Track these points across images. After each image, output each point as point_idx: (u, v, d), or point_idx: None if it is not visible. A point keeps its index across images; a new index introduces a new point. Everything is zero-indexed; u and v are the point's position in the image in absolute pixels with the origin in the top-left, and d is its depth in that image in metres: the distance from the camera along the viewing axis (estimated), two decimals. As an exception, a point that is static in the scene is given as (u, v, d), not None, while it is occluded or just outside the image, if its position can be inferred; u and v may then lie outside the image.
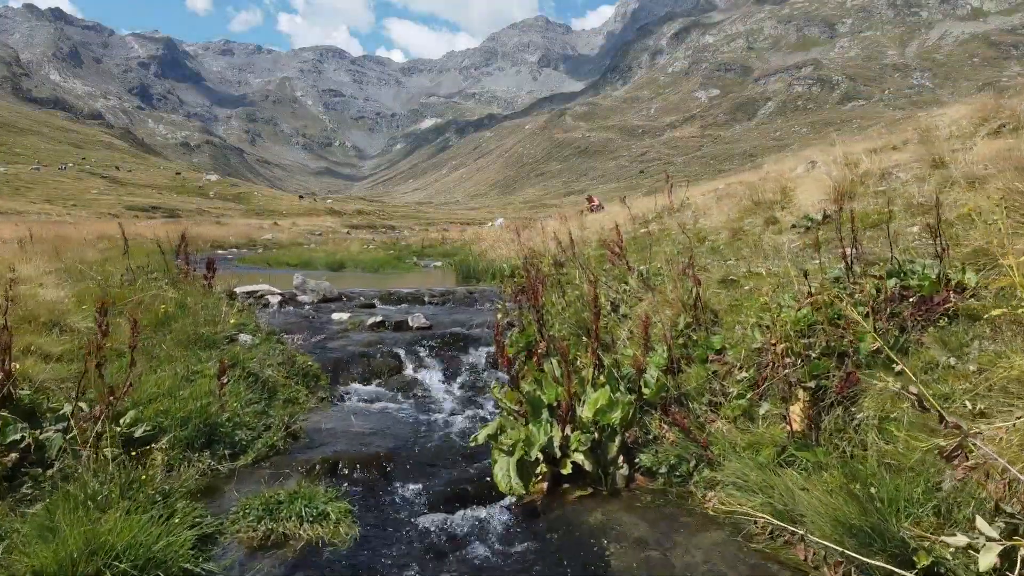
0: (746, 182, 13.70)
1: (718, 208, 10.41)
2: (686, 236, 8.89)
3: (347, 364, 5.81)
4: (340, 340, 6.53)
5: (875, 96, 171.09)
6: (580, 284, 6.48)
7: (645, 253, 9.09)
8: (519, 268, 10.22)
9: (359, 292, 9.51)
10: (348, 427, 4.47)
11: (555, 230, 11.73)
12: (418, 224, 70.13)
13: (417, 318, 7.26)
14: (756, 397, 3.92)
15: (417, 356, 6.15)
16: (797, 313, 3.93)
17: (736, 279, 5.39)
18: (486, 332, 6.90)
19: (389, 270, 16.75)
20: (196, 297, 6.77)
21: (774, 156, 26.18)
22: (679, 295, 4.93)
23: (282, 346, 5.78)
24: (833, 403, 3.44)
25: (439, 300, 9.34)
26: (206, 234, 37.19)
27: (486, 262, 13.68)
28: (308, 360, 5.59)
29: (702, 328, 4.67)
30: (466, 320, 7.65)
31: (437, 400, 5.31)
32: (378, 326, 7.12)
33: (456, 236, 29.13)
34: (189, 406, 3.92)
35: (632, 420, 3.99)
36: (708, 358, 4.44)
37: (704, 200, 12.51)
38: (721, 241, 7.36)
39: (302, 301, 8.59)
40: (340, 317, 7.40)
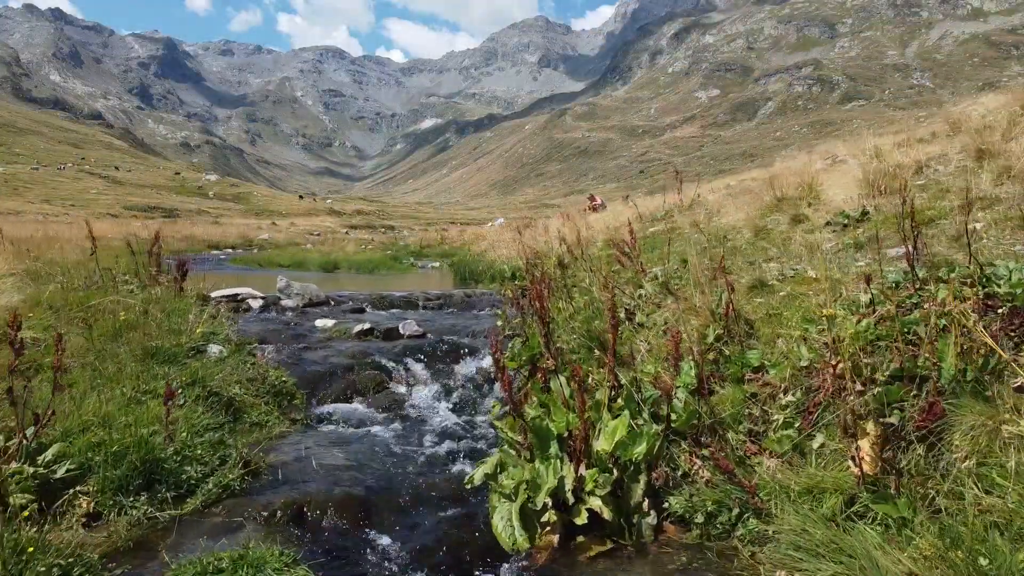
0: (759, 179, 13.04)
1: (733, 206, 9.76)
2: (703, 235, 8.24)
3: (327, 379, 5.14)
4: (322, 350, 5.87)
5: (875, 96, 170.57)
6: (589, 288, 5.83)
7: (657, 253, 8.44)
8: (521, 270, 9.57)
9: (348, 296, 8.84)
10: (322, 458, 3.81)
11: (558, 229, 11.08)
12: (418, 224, 69.62)
13: (409, 325, 6.60)
14: (807, 426, 3.27)
15: (407, 369, 5.49)
16: (858, 326, 3.28)
17: (769, 283, 4.73)
18: (484, 341, 6.24)
19: (385, 271, 16.09)
20: (165, 302, 6.12)
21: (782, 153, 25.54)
22: (707, 302, 4.27)
23: (253, 359, 5.11)
24: (912, 440, 2.79)
25: (434, 304, 8.68)
26: (201, 234, 36.58)
27: (486, 263, 13.03)
28: (282, 375, 4.92)
29: (735, 341, 4.01)
30: (463, 327, 6.99)
31: (428, 422, 4.65)
32: (365, 334, 6.46)
33: (455, 236, 28.48)
34: (127, 437, 3.26)
35: (659, 454, 3.33)
36: (744, 377, 3.78)
37: (716, 198, 11.85)
38: (743, 240, 6.70)
39: (285, 306, 7.93)
40: (324, 324, 6.74)
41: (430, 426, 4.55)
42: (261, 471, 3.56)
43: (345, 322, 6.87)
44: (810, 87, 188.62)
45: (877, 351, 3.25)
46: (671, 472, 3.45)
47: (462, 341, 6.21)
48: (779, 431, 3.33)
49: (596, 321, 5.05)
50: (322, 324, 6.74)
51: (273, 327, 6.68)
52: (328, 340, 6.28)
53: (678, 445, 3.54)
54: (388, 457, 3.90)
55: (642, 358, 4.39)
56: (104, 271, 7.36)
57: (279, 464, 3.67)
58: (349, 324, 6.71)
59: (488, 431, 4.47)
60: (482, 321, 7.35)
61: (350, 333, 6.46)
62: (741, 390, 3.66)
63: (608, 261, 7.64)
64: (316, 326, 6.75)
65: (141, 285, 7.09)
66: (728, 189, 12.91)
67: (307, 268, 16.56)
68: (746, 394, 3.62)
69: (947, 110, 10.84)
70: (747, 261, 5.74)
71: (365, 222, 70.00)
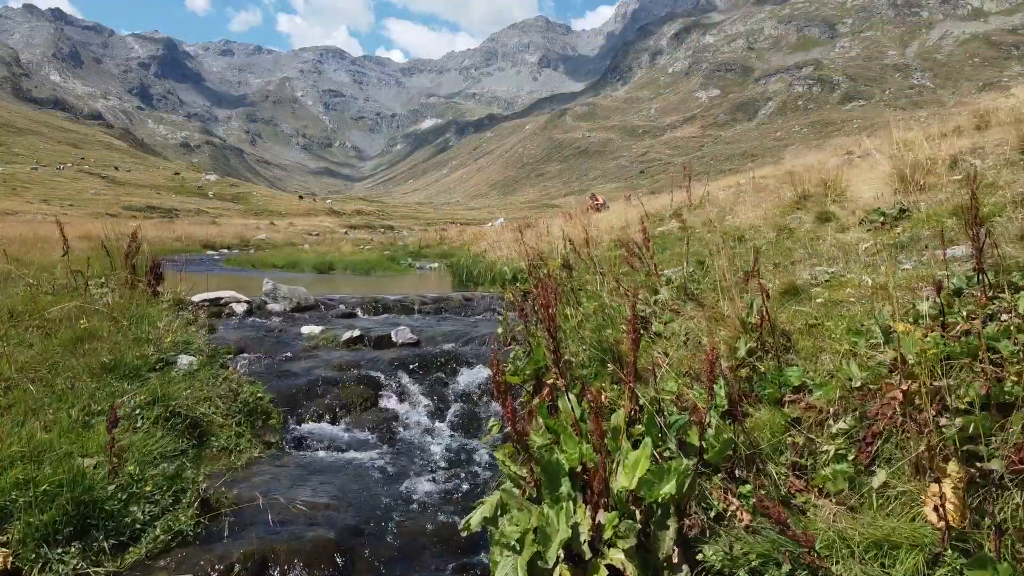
0: (771, 176, 12.53)
1: (747, 204, 9.25)
2: (718, 234, 7.74)
3: (309, 394, 4.63)
4: (306, 361, 5.36)
5: (876, 96, 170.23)
6: (599, 293, 5.32)
7: (668, 254, 7.94)
8: (522, 271, 9.06)
9: (339, 299, 8.32)
10: (296, 492, 3.30)
11: (561, 228, 10.56)
12: (417, 224, 69.23)
13: (402, 332, 6.08)
14: (864, 460, 2.76)
15: (399, 382, 4.98)
16: (926, 341, 2.77)
17: (803, 289, 4.22)
18: (484, 349, 5.73)
19: (381, 272, 15.58)
20: (135, 308, 5.61)
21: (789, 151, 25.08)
22: (736, 310, 3.76)
23: (226, 371, 4.59)
24: (1006, 485, 2.28)
25: (431, 309, 8.15)
26: (196, 234, 36.12)
27: (485, 264, 12.52)
28: (258, 390, 4.40)
29: (771, 356, 3.50)
30: (461, 333, 6.48)
31: (421, 445, 4.13)
32: (355, 342, 5.95)
33: (455, 236, 27.98)
34: (60, 472, 2.75)
35: (690, 493, 2.81)
36: (783, 398, 3.27)
37: (726, 196, 11.34)
38: (764, 241, 6.19)
39: (271, 311, 7.41)
40: (310, 331, 6.22)
41: (423, 450, 4.03)
42: (222, 510, 3.04)
43: (334, 328, 6.36)
44: (810, 87, 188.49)
45: (951, 372, 2.75)
46: (702, 511, 2.94)
47: (460, 350, 5.70)
48: (830, 465, 2.82)
49: (608, 330, 4.54)
50: (308, 331, 6.22)
51: (255, 334, 6.16)
52: (314, 349, 5.77)
53: (708, 479, 3.03)
54: (372, 491, 3.38)
55: (662, 373, 3.88)
56: (75, 273, 6.86)
57: (244, 501, 3.15)
58: (338, 331, 6.19)
59: (489, 456, 3.96)
60: (481, 327, 6.84)
61: (338, 341, 5.94)
62: (781, 414, 3.15)
63: (616, 263, 7.13)
64: (302, 333, 6.23)
65: (113, 289, 6.59)
66: (737, 187, 12.40)
67: (301, 269, 16.04)
68: (787, 419, 3.11)
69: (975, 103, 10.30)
70: (772, 263, 5.23)
71: (364, 222, 69.61)
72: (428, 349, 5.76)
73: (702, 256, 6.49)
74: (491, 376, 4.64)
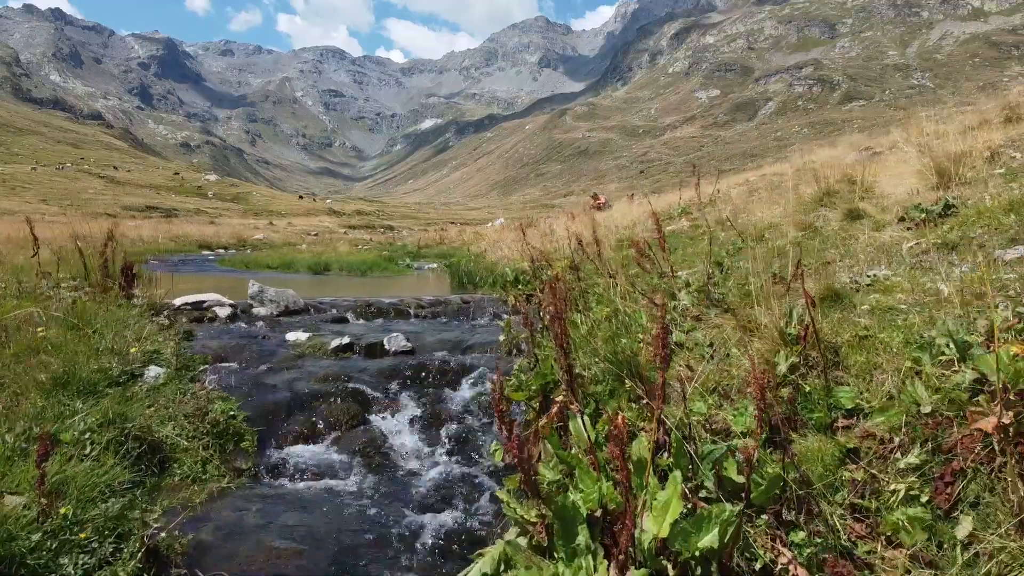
0: (781, 173, 12.07)
1: (761, 201, 8.78)
2: (733, 233, 7.28)
3: (290, 412, 4.14)
4: (289, 372, 4.88)
5: (876, 96, 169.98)
6: (611, 297, 4.85)
7: (680, 254, 7.48)
8: (524, 273, 8.59)
9: (331, 302, 7.84)
10: (265, 533, 2.82)
11: (567, 227, 10.10)
12: (417, 224, 68.85)
13: (396, 339, 5.61)
14: (943, 503, 2.29)
15: (389, 397, 4.50)
16: (1017, 362, 2.30)
17: (843, 294, 3.74)
18: (484, 359, 5.26)
19: (378, 273, 15.09)
20: (106, 313, 5.13)
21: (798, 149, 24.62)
22: (774, 320, 3.28)
23: (194, 386, 4.11)
24: None
25: (428, 313, 7.67)
26: (193, 233, 35.68)
27: (486, 265, 12.05)
28: (231, 408, 3.92)
29: (817, 373, 3.03)
30: (460, 340, 6.00)
31: (413, 472, 3.65)
32: (344, 351, 5.47)
33: (454, 236, 27.50)
34: (-25, 519, 2.28)
35: (733, 543, 2.34)
36: (834, 424, 2.81)
37: (737, 193, 10.87)
38: (787, 241, 5.71)
39: (257, 315, 6.93)
40: (296, 338, 5.74)
41: (415, 479, 3.55)
42: (173, 558, 2.56)
43: (322, 335, 5.88)
44: (810, 87, 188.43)
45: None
46: (745, 562, 2.47)
47: (458, 359, 5.22)
48: (900, 508, 2.35)
49: (623, 339, 4.07)
50: (294, 338, 5.74)
51: (237, 341, 5.68)
52: (299, 358, 5.29)
53: (751, 522, 2.56)
54: (355, 533, 2.90)
55: (689, 391, 3.40)
56: (43, 275, 6.39)
57: (202, 546, 2.67)
58: (326, 338, 5.71)
59: (490, 484, 3.49)
60: (482, 333, 6.36)
61: (326, 349, 5.46)
62: (834, 443, 2.67)
63: (626, 264, 6.65)
64: (287, 340, 5.75)
65: (83, 293, 6.12)
66: (748, 185, 11.93)
67: (296, 270, 15.56)
68: (842, 449, 2.64)
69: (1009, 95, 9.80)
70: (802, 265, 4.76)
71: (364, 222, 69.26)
72: (424, 358, 5.28)
73: (718, 256, 6.03)
74: (493, 392, 4.17)
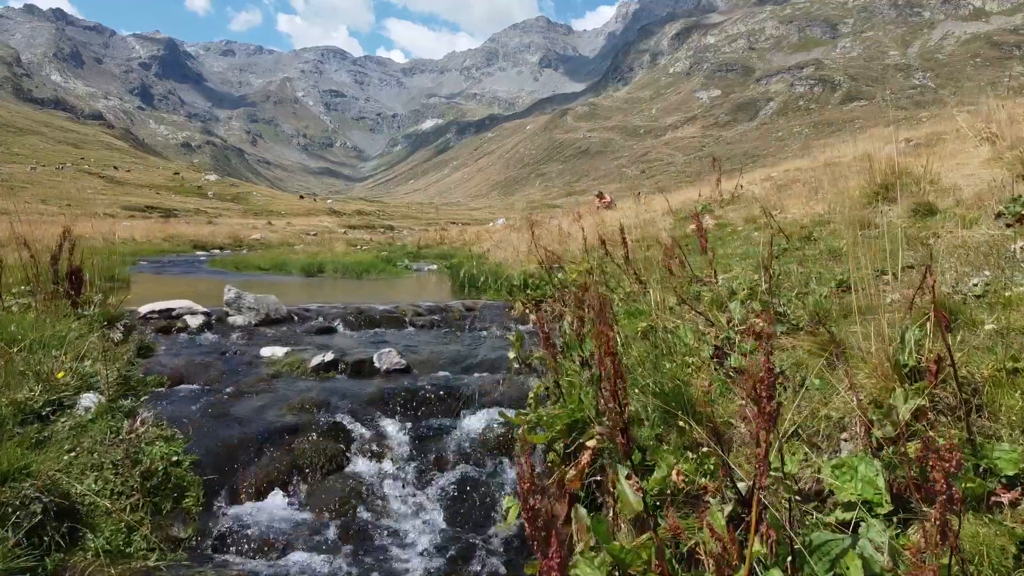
0: (807, 168, 11.26)
1: (793, 197, 7.97)
2: (768, 233, 6.47)
3: (251, 453, 3.33)
4: (258, 397, 4.07)
5: (877, 96, 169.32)
6: (645, 307, 4.04)
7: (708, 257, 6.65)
8: (533, 277, 7.78)
9: (317, 309, 7.00)
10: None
11: (579, 225, 9.29)
12: (418, 224, 68.14)
13: (388, 356, 4.80)
14: None
15: (377, 431, 3.68)
16: None
17: (954, 309, 2.93)
18: (491, 380, 4.45)
19: (376, 275, 14.27)
20: (42, 326, 4.33)
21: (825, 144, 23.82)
22: (883, 347, 2.46)
23: (125, 423, 3.28)
24: None
25: (426, 322, 6.82)
26: (188, 233, 34.94)
27: (490, 267, 11.24)
28: (176, 450, 3.11)
29: (952, 421, 2.23)
30: (462, 355, 5.19)
31: (400, 542, 2.83)
32: (326, 369, 4.65)
33: (455, 236, 26.70)
34: None
35: None
36: (991, 496, 2.01)
37: (760, 190, 10.06)
38: (845, 241, 4.90)
39: (233, 324, 6.11)
40: (272, 354, 4.93)
41: (403, 550, 2.74)
42: None
43: (303, 349, 5.07)
44: (812, 87, 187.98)
45: None
46: None
47: (461, 381, 4.40)
48: None
49: (667, 362, 3.27)
50: (269, 353, 4.93)
51: (203, 357, 4.87)
52: (273, 378, 4.47)
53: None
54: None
55: (774, 437, 2.60)
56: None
57: None
58: (307, 353, 4.90)
59: (503, 557, 2.68)
60: (487, 346, 5.55)
61: (305, 368, 4.65)
62: (1001, 528, 1.87)
63: (646, 266, 5.83)
64: (261, 356, 4.93)
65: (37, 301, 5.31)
66: (771, 180, 11.11)
67: (288, 271, 14.73)
68: (1018, 540, 1.84)
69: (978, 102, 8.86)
70: (875, 271, 3.94)
71: (364, 222, 68.61)
72: (419, 379, 4.47)
73: (747, 255, 5.22)
74: (502, 413, 3.39)
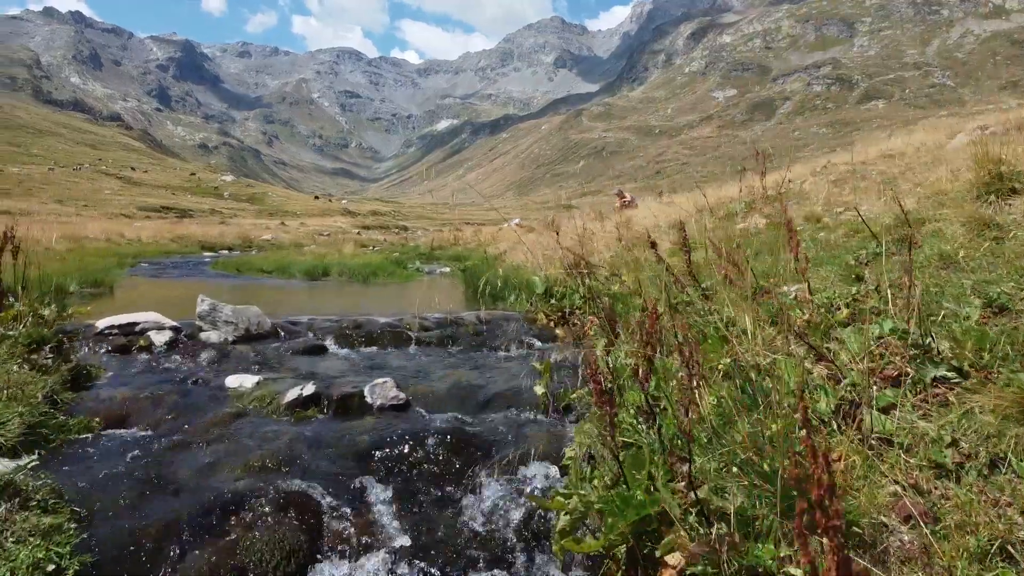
0: (858, 162, 10.17)
1: (860, 192, 6.91)
2: (843, 233, 5.44)
3: (171, 552, 2.36)
4: (209, 450, 3.09)
5: (895, 96, 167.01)
6: (716, 328, 3.02)
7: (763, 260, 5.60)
8: (559, 283, 6.75)
9: (309, 322, 6.00)
10: None
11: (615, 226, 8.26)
12: (432, 224, 67.39)
13: (382, 389, 3.80)
14: None
15: (358, 510, 2.69)
16: None
17: None
18: (512, 422, 3.45)
19: (384, 278, 13.30)
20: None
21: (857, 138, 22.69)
22: None
23: None
24: None
25: (434, 338, 5.77)
26: (196, 234, 34.26)
27: (507, 270, 10.26)
28: (57, 552, 2.13)
29: None
30: (475, 386, 4.17)
31: None
32: (304, 405, 3.66)
33: (470, 236, 25.72)
34: None
35: None
36: None
37: (810, 185, 8.99)
38: (955, 245, 3.85)
39: (206, 341, 5.15)
40: (240, 385, 3.95)
41: None
42: None
43: (278, 378, 4.08)
44: (829, 86, 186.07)
45: None
46: None
47: (474, 428, 3.39)
48: None
49: (772, 424, 2.26)
50: (236, 384, 3.94)
51: (154, 389, 3.90)
52: (235, 419, 3.49)
53: None
54: None
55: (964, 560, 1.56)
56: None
57: None
58: (282, 385, 3.91)
59: None
60: (506, 372, 4.53)
61: (278, 404, 3.66)
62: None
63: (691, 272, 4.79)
64: (227, 386, 3.95)
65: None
66: (816, 176, 10.03)
67: (291, 274, 13.80)
68: None
69: None
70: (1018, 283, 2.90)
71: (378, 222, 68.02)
72: (421, 422, 3.46)
73: (822, 261, 4.19)
74: (532, 473, 2.45)
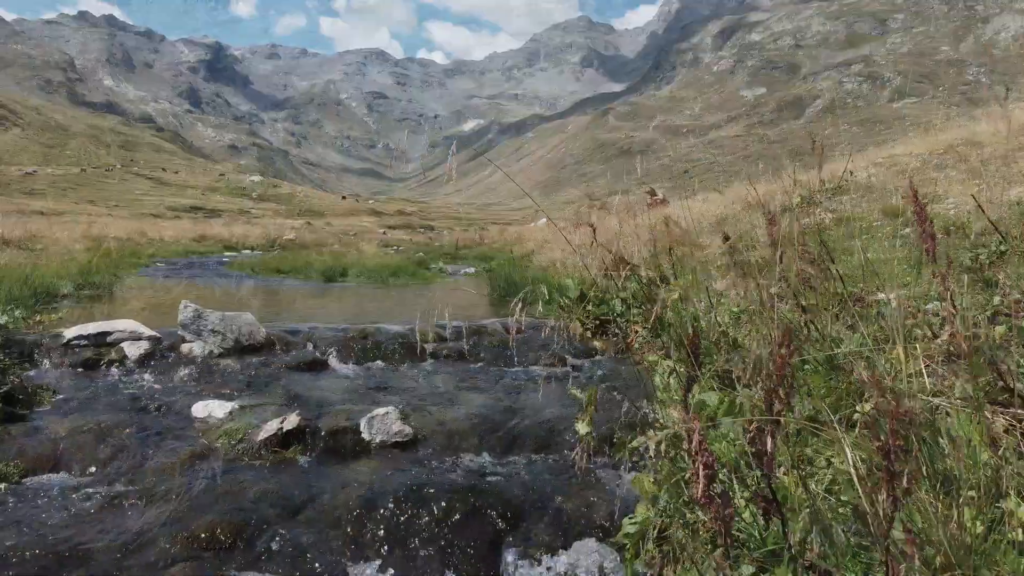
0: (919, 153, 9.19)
1: (945, 182, 6.01)
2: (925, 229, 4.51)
3: None
4: (147, 512, 2.34)
5: (928, 93, 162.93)
6: (814, 355, 2.19)
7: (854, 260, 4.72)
8: (596, 288, 5.93)
9: (310, 332, 5.23)
10: None
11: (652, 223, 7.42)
12: (458, 224, 66.92)
13: (384, 421, 3.03)
14: None
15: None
16: None
17: None
18: (546, 472, 2.66)
19: (404, 279, 12.56)
20: None
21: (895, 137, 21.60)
22: None
23: None
24: None
25: (452, 351, 4.93)
26: (219, 234, 34.01)
27: (535, 271, 9.46)
28: None
29: None
30: (499, 415, 3.38)
31: None
32: (283, 443, 2.91)
33: (496, 236, 24.97)
34: None
35: None
36: None
37: (876, 176, 8.07)
38: None
39: (188, 354, 4.43)
40: (209, 414, 3.20)
41: None
42: None
43: (257, 405, 3.33)
44: (860, 84, 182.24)
45: None
46: None
47: (496, 478, 2.60)
48: None
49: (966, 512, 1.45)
50: (204, 414, 3.19)
51: (108, 418, 3.17)
52: (194, 462, 2.75)
53: None
54: None
55: None
56: None
57: None
58: (260, 414, 3.17)
59: None
60: (535, 398, 3.72)
61: (251, 442, 2.92)
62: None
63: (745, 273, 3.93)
64: (194, 418, 3.21)
65: None
66: (877, 167, 9.08)
67: (308, 275, 13.14)
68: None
69: None
70: None
71: (404, 222, 67.77)
72: (430, 469, 2.67)
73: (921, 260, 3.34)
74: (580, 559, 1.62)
